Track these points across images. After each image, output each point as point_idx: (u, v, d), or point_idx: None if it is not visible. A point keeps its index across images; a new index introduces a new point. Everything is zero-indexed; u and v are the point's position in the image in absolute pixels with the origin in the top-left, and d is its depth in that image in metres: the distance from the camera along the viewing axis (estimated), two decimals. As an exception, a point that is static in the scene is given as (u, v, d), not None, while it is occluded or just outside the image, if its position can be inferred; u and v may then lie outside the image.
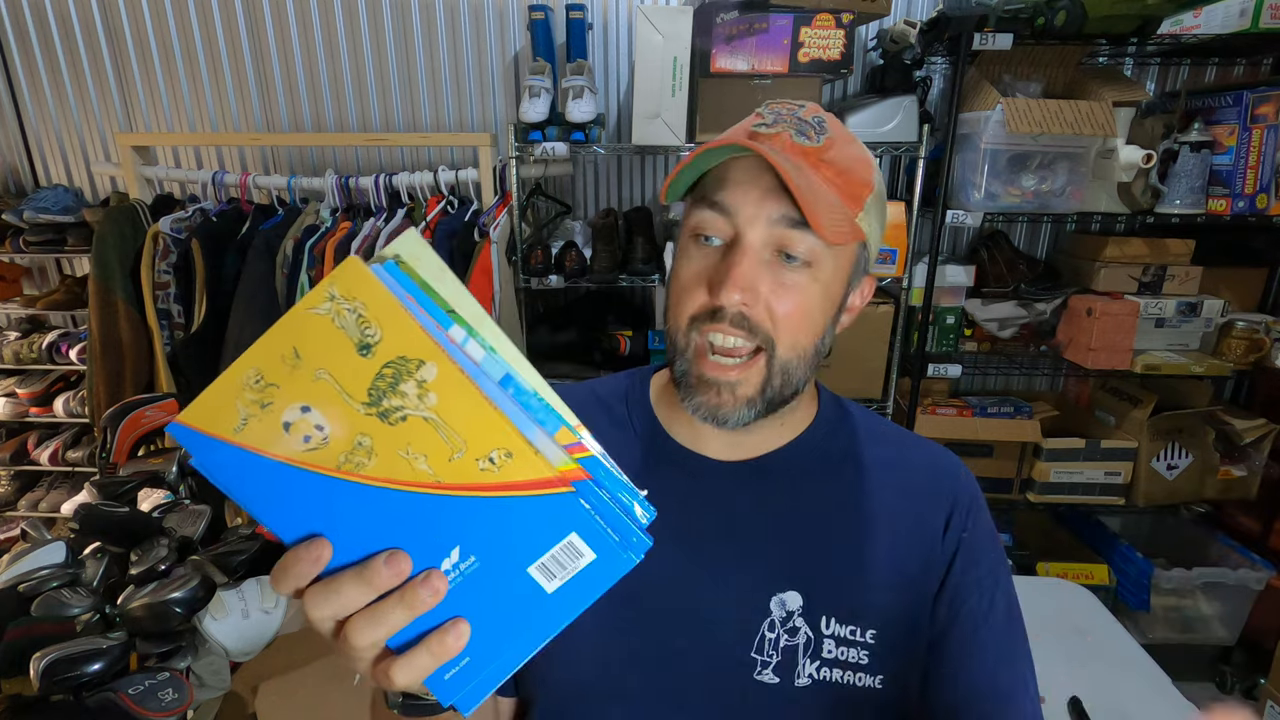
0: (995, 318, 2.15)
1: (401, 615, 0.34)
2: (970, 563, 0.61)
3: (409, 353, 0.33)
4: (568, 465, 0.36)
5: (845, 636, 0.58)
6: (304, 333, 0.34)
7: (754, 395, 0.56)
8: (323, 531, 0.35)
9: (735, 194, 0.54)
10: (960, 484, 0.64)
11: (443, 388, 0.34)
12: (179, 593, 0.91)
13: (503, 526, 0.35)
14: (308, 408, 0.34)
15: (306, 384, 0.34)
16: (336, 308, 0.33)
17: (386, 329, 0.33)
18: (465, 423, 0.34)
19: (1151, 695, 1.18)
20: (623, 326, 2.14)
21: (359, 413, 0.34)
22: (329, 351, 0.34)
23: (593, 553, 0.36)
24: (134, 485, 1.17)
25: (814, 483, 0.63)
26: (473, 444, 0.34)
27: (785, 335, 0.55)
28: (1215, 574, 2.08)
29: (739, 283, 0.53)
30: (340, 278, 0.33)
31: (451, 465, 0.35)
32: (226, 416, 0.34)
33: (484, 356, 0.35)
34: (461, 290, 0.35)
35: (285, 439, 0.35)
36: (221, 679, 1.04)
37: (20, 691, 0.85)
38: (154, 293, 1.94)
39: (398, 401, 0.34)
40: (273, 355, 0.34)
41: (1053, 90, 1.95)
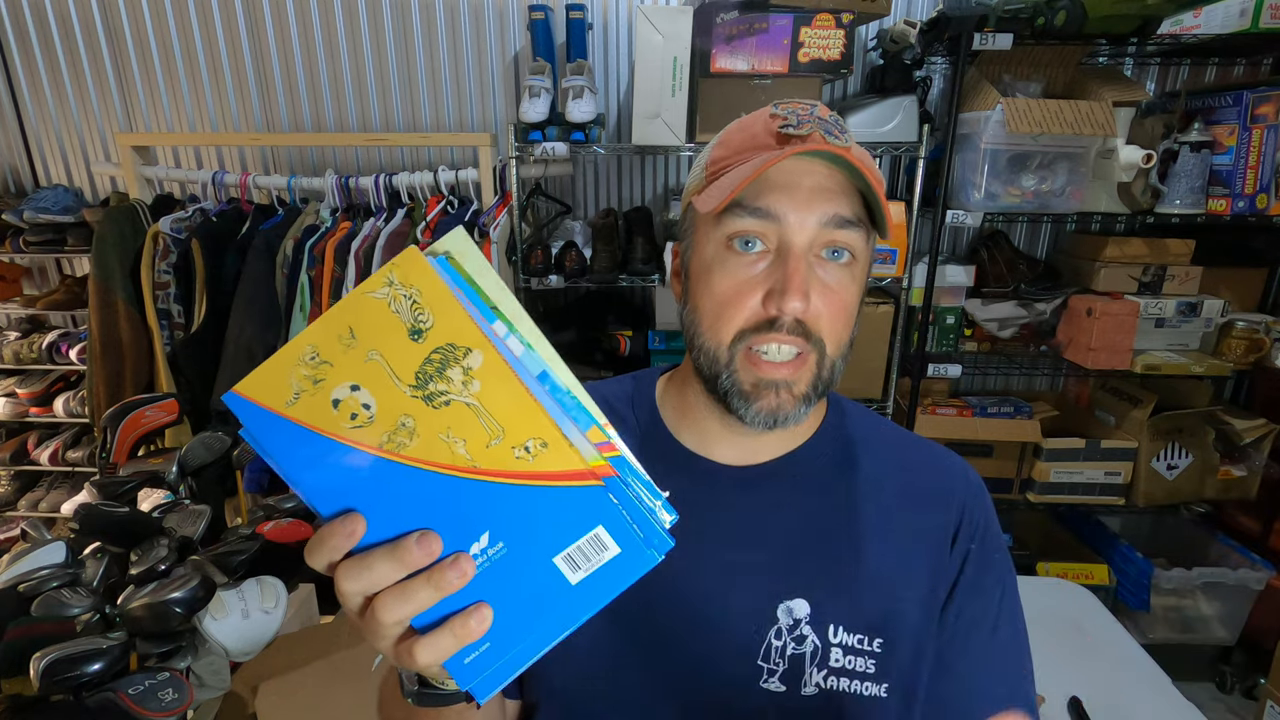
0: (995, 318, 2.15)
1: (428, 595, 0.35)
2: (978, 573, 0.61)
3: (458, 340, 0.35)
4: (598, 461, 0.37)
5: (853, 645, 0.57)
6: (361, 314, 0.35)
7: (808, 392, 0.56)
8: (359, 508, 0.36)
9: (779, 198, 0.53)
10: (970, 491, 0.64)
11: (487, 376, 0.35)
12: (179, 593, 0.91)
13: (532, 515, 0.37)
14: (357, 386, 0.36)
15: (358, 364, 0.36)
16: (394, 293, 0.35)
17: (439, 316, 0.35)
18: (505, 411, 0.36)
19: (1151, 695, 1.18)
20: (623, 326, 2.14)
21: (405, 394, 0.36)
22: (383, 334, 0.35)
23: (618, 547, 0.37)
24: (134, 485, 1.17)
25: (822, 488, 0.62)
26: (510, 432, 0.36)
27: (831, 334, 0.55)
28: (1215, 574, 2.08)
29: (801, 290, 0.52)
30: (400, 265, 0.35)
31: (489, 451, 0.36)
32: (280, 390, 0.36)
33: (524, 352, 0.37)
34: (503, 288, 0.37)
35: (333, 415, 0.36)
36: (221, 679, 1.04)
37: (20, 691, 0.85)
38: (154, 293, 1.94)
39: (443, 386, 0.36)
40: (330, 334, 0.36)
41: (1053, 90, 1.95)
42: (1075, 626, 1.37)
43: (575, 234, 2.13)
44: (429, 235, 1.92)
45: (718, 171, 0.57)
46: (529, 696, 0.63)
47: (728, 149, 0.57)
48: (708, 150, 0.60)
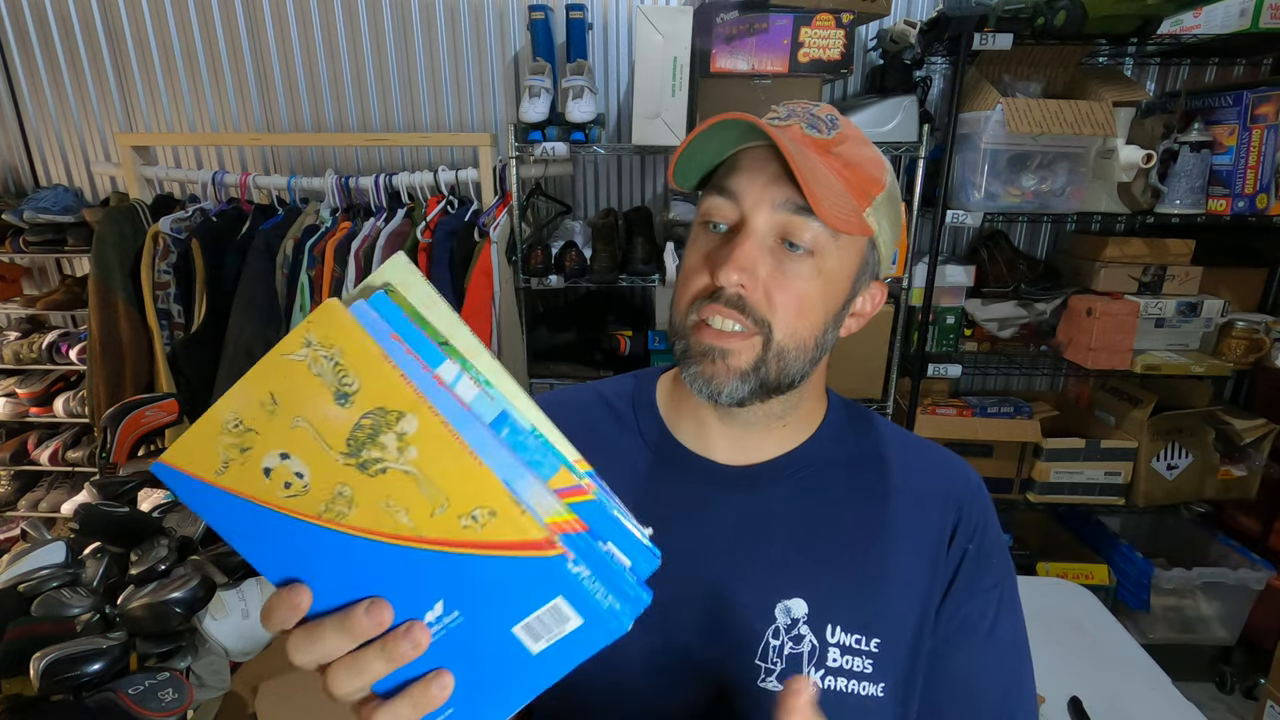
0: (995, 318, 2.15)
1: (382, 665, 0.34)
2: (976, 575, 0.61)
3: (388, 403, 0.32)
4: (561, 516, 0.34)
5: (850, 645, 0.57)
6: (281, 378, 0.32)
7: (746, 369, 0.55)
8: (306, 576, 0.35)
9: (742, 180, 0.55)
10: (969, 491, 0.64)
11: (423, 441, 0.32)
12: (179, 593, 0.91)
13: (486, 584, 0.34)
14: (286, 454, 0.33)
15: (284, 431, 0.33)
16: (313, 354, 0.32)
17: (365, 378, 0.32)
18: (447, 478, 0.33)
19: (1151, 695, 1.18)
20: (623, 326, 2.14)
21: (338, 462, 0.33)
22: (306, 399, 0.32)
23: (579, 618, 0.34)
24: (134, 485, 1.17)
25: (821, 488, 0.62)
26: (455, 500, 0.33)
27: (782, 321, 0.55)
28: (1215, 574, 2.08)
29: (738, 263, 0.53)
30: (317, 322, 0.32)
31: (434, 520, 0.33)
32: (208, 458, 0.34)
33: (476, 395, 0.34)
34: (455, 320, 0.35)
35: (266, 484, 0.34)
36: (221, 679, 1.04)
37: (20, 691, 0.85)
38: (154, 293, 1.94)
39: (377, 453, 0.33)
40: (251, 400, 0.33)
41: (1053, 90, 1.95)
42: (1075, 626, 1.37)
43: (575, 234, 2.13)
44: (429, 235, 1.92)
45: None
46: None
47: None
48: None
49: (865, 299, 0.61)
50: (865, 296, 0.61)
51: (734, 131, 0.54)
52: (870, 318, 0.63)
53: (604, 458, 0.65)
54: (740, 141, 0.55)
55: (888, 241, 0.59)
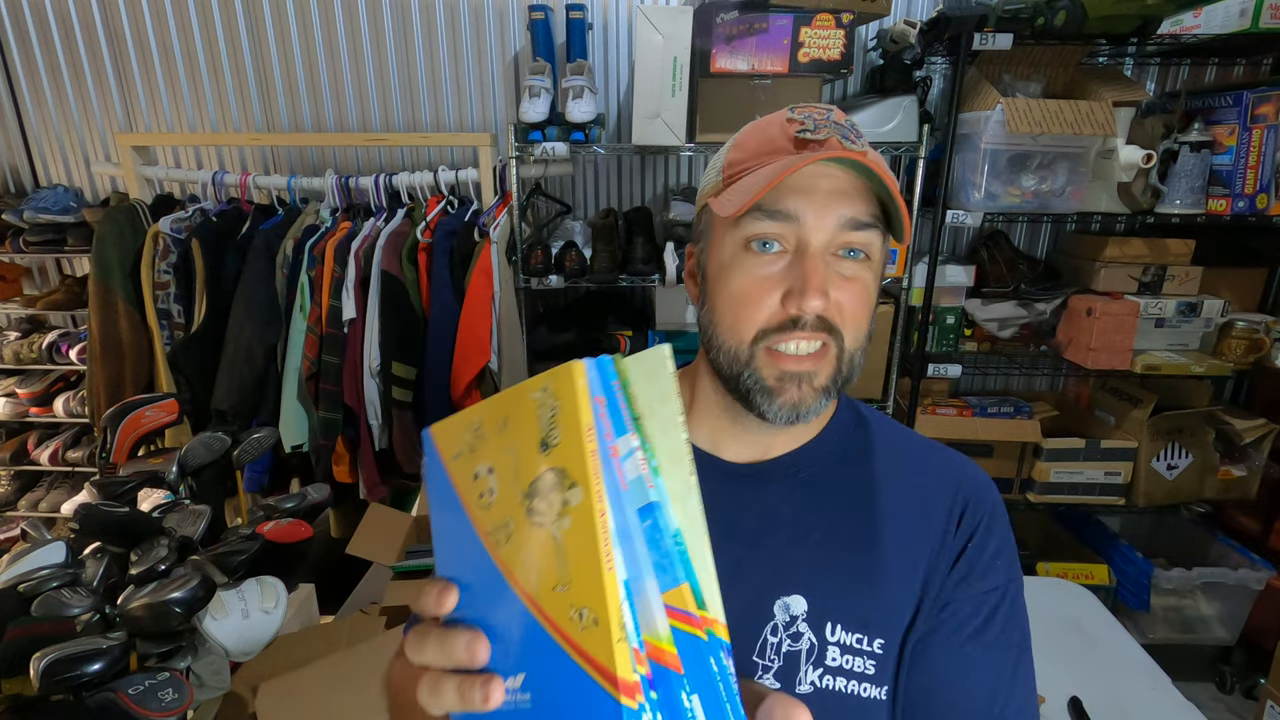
0: (995, 318, 2.15)
1: (453, 700, 0.35)
2: (971, 576, 0.59)
3: (570, 468, 0.33)
4: (661, 641, 0.33)
5: (851, 645, 0.56)
6: (516, 408, 0.36)
7: (828, 385, 0.56)
8: (459, 579, 0.37)
9: (798, 201, 0.54)
10: (976, 489, 0.63)
11: (577, 518, 0.33)
12: (179, 593, 0.91)
13: (561, 684, 0.33)
14: (491, 470, 0.37)
15: (500, 450, 0.36)
16: (544, 399, 0.34)
17: (565, 439, 0.33)
18: (578, 563, 0.32)
19: (1151, 695, 1.18)
20: (623, 326, 2.14)
21: (517, 498, 0.35)
22: (524, 433, 0.35)
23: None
24: (134, 485, 1.17)
25: (825, 486, 0.62)
26: (574, 587, 0.33)
27: (850, 327, 0.56)
28: (1215, 574, 2.08)
29: (820, 289, 0.53)
30: (558, 375, 0.34)
31: (552, 594, 0.33)
32: (452, 443, 0.39)
33: (637, 477, 0.34)
34: (675, 421, 0.35)
35: (472, 485, 0.37)
36: (221, 679, 1.04)
37: (20, 691, 0.85)
38: (154, 293, 1.94)
39: (543, 506, 0.34)
40: (494, 414, 0.37)
41: (1053, 90, 1.95)
42: (1075, 626, 1.37)
43: (575, 234, 2.13)
44: (429, 235, 1.92)
45: (735, 175, 0.57)
46: None
47: (744, 152, 0.58)
48: (723, 153, 0.60)
49: None
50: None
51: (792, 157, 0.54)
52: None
53: None
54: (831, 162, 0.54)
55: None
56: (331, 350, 1.91)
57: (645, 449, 0.35)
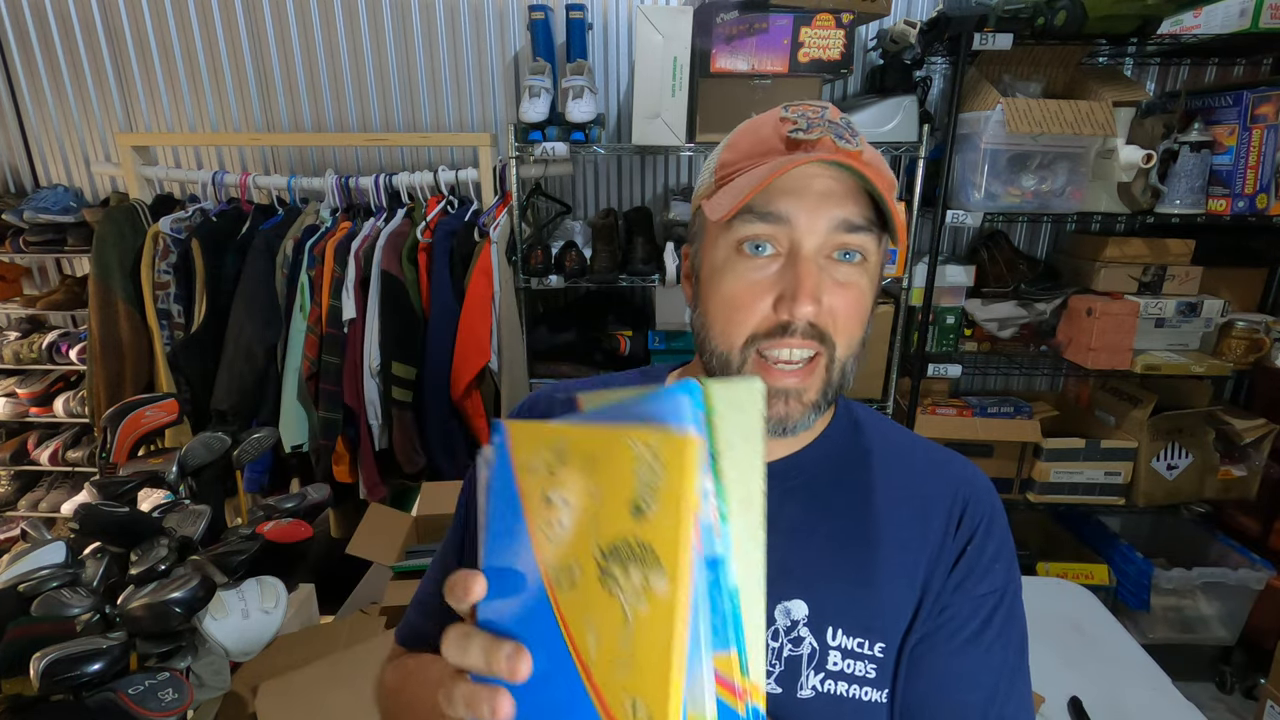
0: (995, 318, 2.15)
1: (485, 709, 0.34)
2: (970, 579, 0.59)
3: (661, 550, 0.30)
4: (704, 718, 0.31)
5: (852, 649, 0.56)
6: (611, 451, 0.32)
7: (818, 399, 0.55)
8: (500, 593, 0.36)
9: (790, 202, 0.53)
10: (976, 492, 0.62)
11: (657, 611, 0.30)
12: (179, 593, 0.91)
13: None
14: (567, 503, 0.34)
15: (581, 488, 0.33)
16: (648, 458, 0.31)
17: (662, 515, 0.30)
18: (645, 651, 0.30)
19: (1151, 695, 1.18)
20: (623, 326, 2.14)
21: (591, 551, 0.32)
22: (614, 485, 0.32)
23: None
24: (134, 485, 1.17)
25: (825, 489, 0.61)
26: (635, 676, 0.31)
27: (843, 334, 0.54)
28: (1215, 574, 2.08)
29: (812, 294, 0.52)
30: (672, 441, 0.30)
31: (609, 668, 0.32)
32: (529, 453, 0.36)
33: (706, 525, 0.32)
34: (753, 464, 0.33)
35: (540, 507, 0.35)
36: (221, 679, 1.04)
37: (20, 691, 0.85)
38: (154, 293, 1.94)
39: (620, 576, 0.31)
40: (582, 446, 0.34)
41: (1053, 90, 1.95)
42: (1075, 626, 1.37)
43: (575, 234, 2.13)
44: (429, 235, 1.92)
45: (726, 176, 0.57)
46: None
47: (736, 153, 0.57)
48: (717, 153, 0.59)
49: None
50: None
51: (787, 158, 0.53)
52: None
53: None
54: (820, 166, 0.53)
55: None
56: (331, 350, 1.91)
57: (719, 491, 0.32)
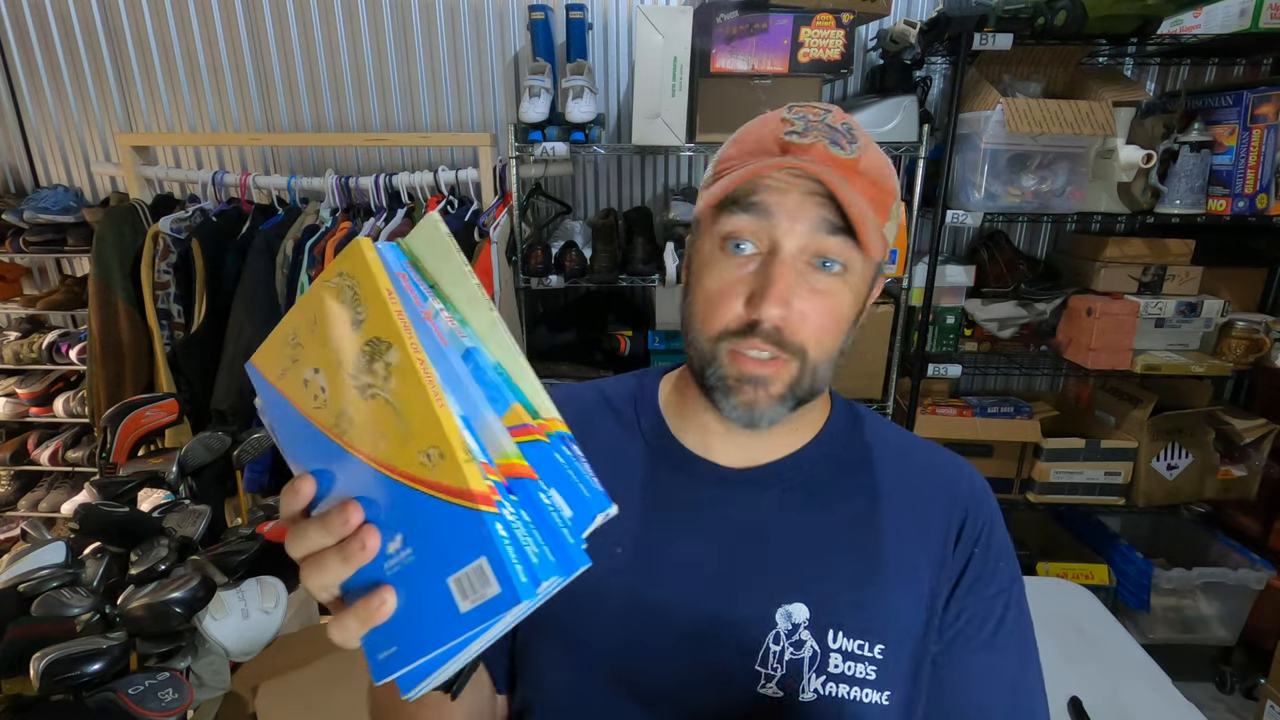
0: (995, 318, 2.15)
1: (338, 564, 0.36)
2: (979, 583, 0.60)
3: (382, 334, 0.35)
4: (510, 458, 0.35)
5: (853, 651, 0.56)
6: (321, 302, 0.38)
7: (784, 392, 0.55)
8: (320, 478, 0.39)
9: (772, 199, 0.53)
10: (975, 494, 0.63)
11: (402, 374, 0.35)
12: (179, 593, 0.91)
13: (431, 526, 0.35)
14: (318, 370, 0.38)
15: (321, 349, 0.38)
16: (342, 283, 0.37)
17: (370, 308, 0.36)
18: (414, 413, 0.35)
19: (1151, 695, 1.18)
20: (623, 326, 2.14)
21: (348, 382, 0.37)
22: (334, 322, 0.37)
23: (498, 586, 0.33)
24: (134, 485, 1.17)
25: (824, 491, 0.61)
26: (417, 435, 0.35)
27: (814, 341, 0.54)
28: (1215, 574, 2.08)
29: (781, 297, 0.52)
30: (348, 254, 0.37)
31: (403, 451, 0.35)
32: (275, 363, 0.40)
33: (450, 331, 0.37)
34: (461, 271, 0.38)
35: (304, 393, 0.39)
36: (221, 679, 1.04)
37: (20, 691, 0.85)
38: (154, 293, 1.94)
39: (369, 379, 0.36)
40: (303, 319, 0.39)
41: (1053, 90, 1.95)
42: (1075, 626, 1.37)
43: (575, 234, 2.13)
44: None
45: (723, 171, 0.58)
46: (523, 693, 0.63)
47: (737, 148, 0.58)
48: (724, 147, 0.60)
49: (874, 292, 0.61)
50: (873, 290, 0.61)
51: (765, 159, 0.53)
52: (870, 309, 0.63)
53: (605, 456, 0.64)
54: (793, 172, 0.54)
55: (893, 238, 0.59)
56: (331, 350, 1.90)
57: (448, 306, 0.38)
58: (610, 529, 0.47)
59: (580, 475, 0.37)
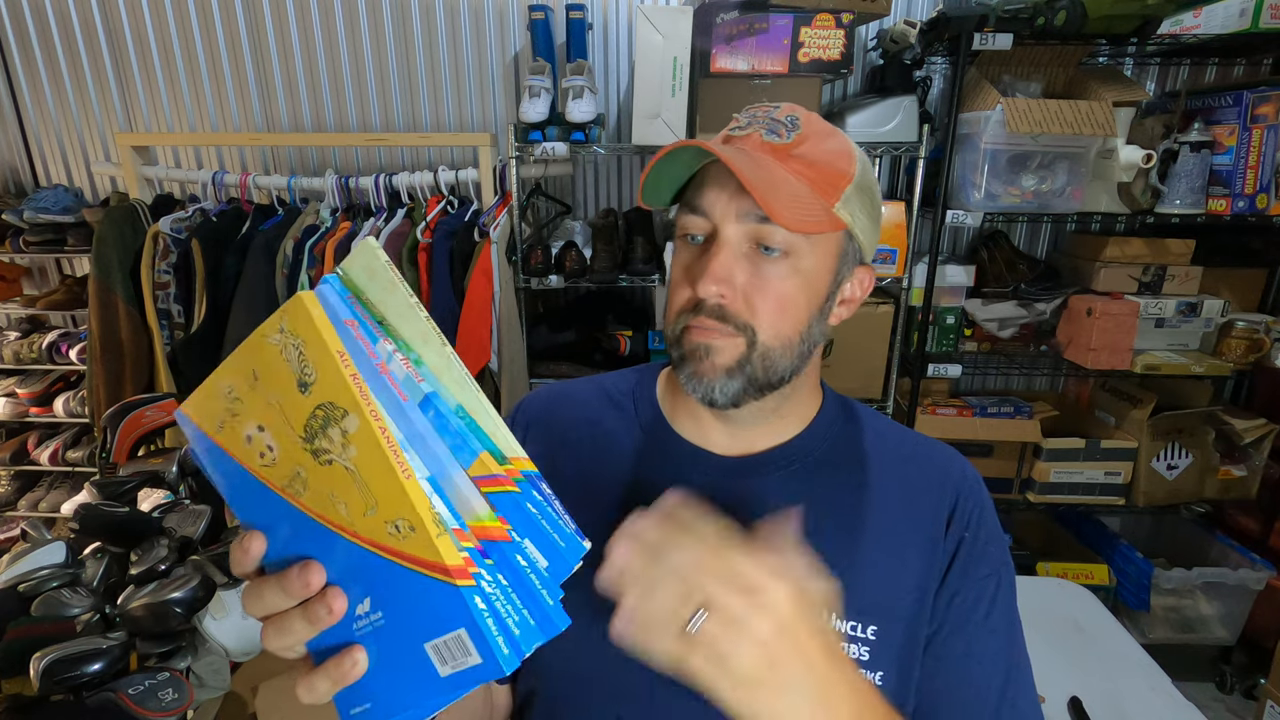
0: (995, 318, 2.15)
1: (302, 627, 0.36)
2: (970, 564, 0.61)
3: (336, 399, 0.34)
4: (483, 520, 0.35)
5: (845, 632, 0.58)
6: (261, 358, 0.35)
7: (731, 365, 0.57)
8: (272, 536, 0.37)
9: (709, 195, 0.57)
10: (964, 480, 0.65)
11: (361, 442, 0.33)
12: (179, 593, 0.91)
13: (405, 594, 0.34)
14: (262, 428, 0.36)
15: (262, 406, 0.36)
16: (285, 340, 0.34)
17: (320, 371, 0.34)
18: (378, 483, 0.33)
19: (1151, 695, 1.18)
20: (623, 326, 2.14)
21: (299, 445, 0.35)
22: (278, 381, 0.35)
23: (478, 656, 0.33)
24: (134, 485, 1.17)
25: (816, 478, 0.63)
26: (383, 505, 0.34)
27: (765, 323, 0.56)
28: (1215, 574, 2.08)
29: (714, 275, 0.55)
30: (289, 311, 0.34)
31: (366, 520, 0.34)
32: (211, 415, 0.38)
33: (405, 376, 0.35)
34: (408, 304, 0.36)
35: (247, 449, 0.37)
36: (221, 679, 1.04)
37: (20, 691, 0.85)
38: (154, 293, 1.94)
39: (325, 445, 0.34)
40: (241, 373, 0.36)
41: (1053, 90, 1.95)
42: (1075, 626, 1.37)
43: (575, 234, 2.13)
44: (429, 235, 1.92)
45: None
46: (524, 684, 0.64)
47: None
48: None
49: (853, 285, 0.62)
50: (853, 283, 0.62)
51: (693, 150, 0.55)
52: (860, 302, 0.64)
53: (604, 448, 0.66)
54: (704, 157, 0.57)
55: (865, 228, 0.60)
56: (331, 350, 1.90)
57: (399, 345, 0.36)
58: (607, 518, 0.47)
59: (553, 521, 0.36)
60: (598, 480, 0.64)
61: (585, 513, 0.45)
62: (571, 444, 0.67)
